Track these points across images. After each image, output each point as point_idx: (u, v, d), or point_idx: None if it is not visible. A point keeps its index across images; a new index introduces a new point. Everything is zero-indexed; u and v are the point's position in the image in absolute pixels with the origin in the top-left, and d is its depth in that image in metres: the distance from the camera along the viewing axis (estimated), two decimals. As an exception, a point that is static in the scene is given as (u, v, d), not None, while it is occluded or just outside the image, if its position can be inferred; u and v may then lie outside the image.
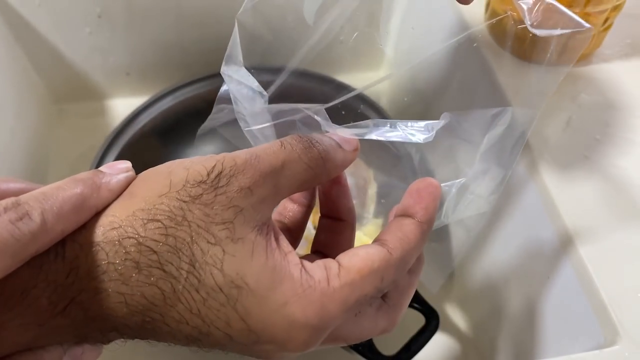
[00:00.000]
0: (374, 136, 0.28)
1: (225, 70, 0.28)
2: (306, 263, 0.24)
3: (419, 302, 0.45)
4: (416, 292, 0.28)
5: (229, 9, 0.60)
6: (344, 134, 0.27)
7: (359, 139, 0.28)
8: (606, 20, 0.44)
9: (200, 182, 0.23)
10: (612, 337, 0.33)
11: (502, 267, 0.48)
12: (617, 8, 0.43)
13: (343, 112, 0.30)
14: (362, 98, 0.58)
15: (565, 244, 0.37)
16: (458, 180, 0.30)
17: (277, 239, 0.24)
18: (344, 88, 0.58)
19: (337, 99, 0.29)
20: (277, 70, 0.30)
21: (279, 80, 0.30)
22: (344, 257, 0.25)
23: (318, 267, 0.24)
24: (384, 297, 0.27)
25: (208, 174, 0.23)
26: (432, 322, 0.45)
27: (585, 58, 0.47)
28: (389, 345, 0.43)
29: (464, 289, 0.55)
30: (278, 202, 0.25)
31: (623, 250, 0.36)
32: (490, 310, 0.50)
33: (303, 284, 0.23)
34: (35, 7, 0.57)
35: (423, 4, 0.58)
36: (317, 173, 0.26)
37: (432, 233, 0.27)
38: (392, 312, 0.27)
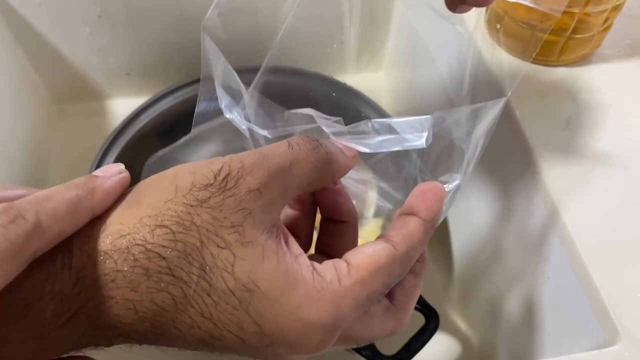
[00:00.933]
0: (375, 149, 0.28)
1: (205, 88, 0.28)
2: (316, 265, 0.24)
3: (419, 302, 0.45)
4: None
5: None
6: (345, 143, 0.28)
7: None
8: (606, 20, 0.44)
9: (207, 185, 0.23)
10: (612, 337, 0.33)
11: (501, 266, 0.48)
12: (617, 8, 0.43)
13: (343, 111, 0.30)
14: (364, 100, 0.58)
15: (565, 244, 0.37)
16: (454, 183, 0.30)
17: (287, 242, 0.24)
18: (327, 80, 0.58)
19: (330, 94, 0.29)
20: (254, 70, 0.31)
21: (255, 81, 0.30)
22: (352, 256, 0.25)
23: (328, 268, 0.24)
24: (391, 298, 0.27)
25: (215, 177, 0.23)
26: (432, 322, 0.45)
27: (585, 58, 0.47)
28: (389, 345, 0.43)
29: (464, 289, 0.55)
30: (286, 203, 0.25)
31: (623, 250, 0.36)
32: (490, 310, 0.50)
33: (316, 286, 0.23)
34: (36, 7, 0.57)
35: (422, 5, 0.58)
36: (323, 174, 0.26)
37: None
38: (400, 314, 0.27)
